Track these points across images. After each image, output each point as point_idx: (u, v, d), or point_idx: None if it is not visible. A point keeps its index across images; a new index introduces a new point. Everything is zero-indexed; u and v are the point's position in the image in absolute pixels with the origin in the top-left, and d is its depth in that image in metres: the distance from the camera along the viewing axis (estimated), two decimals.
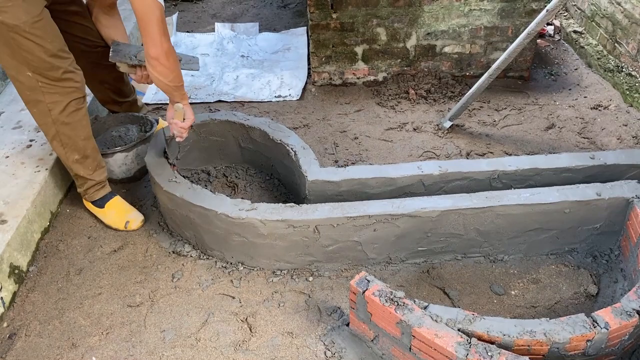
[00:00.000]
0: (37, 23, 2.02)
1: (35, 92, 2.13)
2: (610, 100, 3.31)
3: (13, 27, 1.99)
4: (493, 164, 2.37)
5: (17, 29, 1.99)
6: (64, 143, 2.26)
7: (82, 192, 2.45)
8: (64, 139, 2.25)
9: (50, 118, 2.19)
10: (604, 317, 1.66)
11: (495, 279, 2.21)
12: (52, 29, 2.10)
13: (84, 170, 2.35)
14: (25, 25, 2.00)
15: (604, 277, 2.18)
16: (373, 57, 3.44)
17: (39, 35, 2.03)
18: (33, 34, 2.02)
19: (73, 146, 2.28)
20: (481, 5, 3.25)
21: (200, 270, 2.26)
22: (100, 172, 2.42)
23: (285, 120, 3.20)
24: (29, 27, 2.00)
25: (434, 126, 3.12)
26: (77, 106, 2.22)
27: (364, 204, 2.15)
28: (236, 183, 2.69)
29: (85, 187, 2.42)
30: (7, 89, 3.09)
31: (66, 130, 2.23)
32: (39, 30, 2.03)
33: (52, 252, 2.37)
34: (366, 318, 1.81)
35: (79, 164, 2.33)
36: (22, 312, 2.11)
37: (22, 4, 1.98)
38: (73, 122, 2.23)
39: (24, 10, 1.99)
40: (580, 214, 2.17)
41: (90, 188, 2.42)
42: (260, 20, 4.41)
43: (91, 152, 2.34)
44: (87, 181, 2.39)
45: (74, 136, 2.26)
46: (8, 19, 1.97)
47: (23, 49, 2.03)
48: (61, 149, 2.29)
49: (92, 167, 2.37)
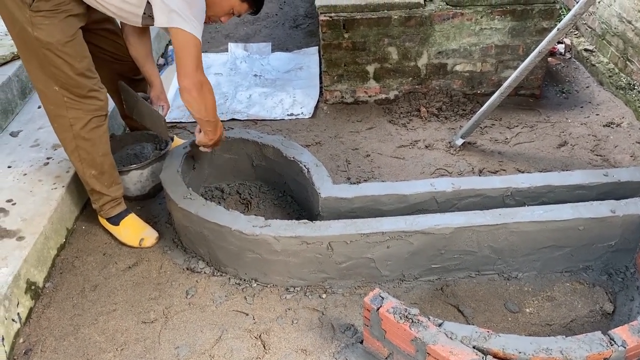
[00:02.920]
0: (70, 42, 2.09)
1: (59, 106, 2.20)
2: (622, 117, 3.31)
3: (46, 44, 2.06)
4: (506, 181, 2.37)
5: (50, 46, 2.06)
6: (82, 158, 2.31)
7: (97, 208, 2.48)
8: (83, 154, 2.30)
9: (71, 133, 2.25)
10: (621, 335, 1.64)
11: (509, 296, 2.20)
12: (82, 49, 2.17)
13: (100, 185, 2.39)
14: (58, 43, 2.07)
15: (620, 294, 2.16)
16: (384, 75, 3.48)
17: (69, 54, 2.10)
18: (64, 52, 2.09)
19: (91, 162, 2.32)
20: (492, 24, 3.28)
21: (214, 286, 2.27)
22: (116, 189, 2.45)
23: (297, 138, 3.23)
24: (61, 45, 2.07)
25: (446, 144, 3.13)
26: (98, 123, 2.27)
27: (377, 221, 2.16)
28: (249, 200, 2.71)
29: (100, 203, 2.45)
30: (25, 108, 3.15)
31: (86, 146, 2.28)
32: (70, 49, 2.10)
33: (67, 268, 2.39)
34: (380, 335, 1.81)
35: (96, 179, 2.37)
36: (38, 327, 2.13)
37: (59, 24, 2.06)
38: (93, 139, 2.28)
39: (60, 30, 2.06)
40: (595, 231, 2.16)
41: (106, 204, 2.45)
42: (272, 40, 4.47)
43: (108, 168, 2.38)
44: (103, 197, 2.43)
45: (93, 152, 2.30)
46: (43, 36, 2.04)
47: (53, 65, 2.10)
48: (79, 163, 2.33)
49: (108, 183, 2.40)
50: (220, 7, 2.13)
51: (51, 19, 2.04)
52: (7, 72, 3.05)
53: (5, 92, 2.99)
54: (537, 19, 3.26)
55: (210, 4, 2.08)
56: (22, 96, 3.16)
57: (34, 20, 2.02)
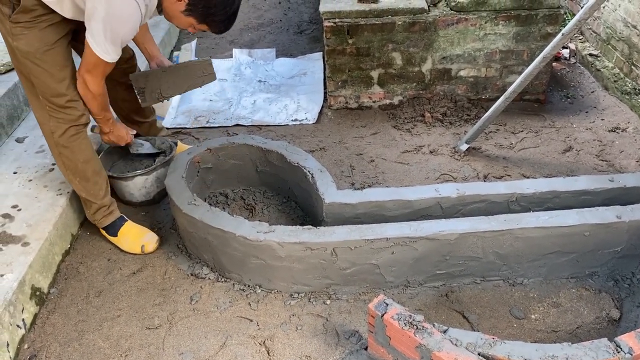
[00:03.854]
0: (49, 51, 2.10)
1: (43, 115, 2.24)
2: (628, 122, 3.29)
3: (25, 53, 2.08)
4: (511, 187, 2.36)
5: (28, 55, 2.08)
6: (66, 165, 2.35)
7: (91, 218, 2.50)
8: (66, 161, 2.33)
9: (52, 140, 2.28)
10: (627, 341, 1.63)
11: (515, 302, 2.19)
12: (63, 58, 2.17)
13: (85, 192, 2.41)
14: (37, 52, 2.08)
15: (627, 301, 2.15)
16: (389, 81, 3.48)
17: (49, 62, 2.11)
18: (43, 61, 2.10)
19: (74, 169, 2.35)
20: (496, 29, 3.28)
21: (218, 292, 2.27)
22: (102, 197, 2.45)
23: (302, 143, 3.23)
24: (40, 54, 2.09)
25: (451, 149, 3.13)
26: (76, 131, 2.29)
27: (382, 227, 2.15)
28: (254, 206, 2.71)
29: (91, 211, 2.47)
30: (31, 114, 3.16)
31: (67, 153, 2.31)
32: (50, 57, 2.11)
33: (72, 274, 2.40)
34: (385, 342, 1.80)
35: (81, 185, 2.39)
36: (43, 333, 2.13)
37: (38, 33, 2.07)
38: (72, 146, 2.29)
39: (39, 39, 2.07)
40: (601, 237, 2.15)
41: (97, 212, 2.46)
42: (277, 46, 4.48)
43: (92, 175, 2.39)
44: (92, 204, 2.44)
45: (74, 159, 2.32)
46: (22, 45, 2.07)
47: (33, 74, 2.13)
48: (64, 169, 2.37)
49: (93, 191, 2.41)
50: (179, 22, 2.11)
51: (30, 29, 2.05)
52: (13, 78, 3.07)
53: (11, 98, 3.01)
54: (542, 24, 3.26)
55: (172, 16, 2.09)
56: (28, 102, 3.17)
57: (14, 31, 2.05)
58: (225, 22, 2.10)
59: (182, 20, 2.06)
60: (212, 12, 2.01)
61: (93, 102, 2.24)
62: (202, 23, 2.06)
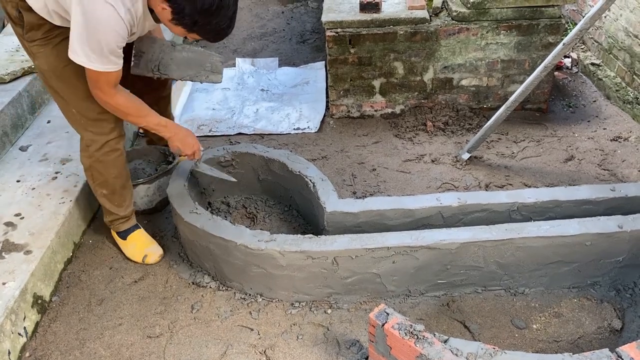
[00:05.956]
0: (68, 67, 2.05)
1: (78, 127, 2.25)
2: (630, 132, 3.29)
3: (45, 71, 2.10)
4: (512, 196, 2.36)
5: (50, 73, 2.10)
6: (95, 177, 2.34)
7: (107, 223, 2.51)
8: (95, 174, 2.33)
9: (87, 152, 2.28)
10: (629, 352, 1.62)
11: (516, 312, 2.18)
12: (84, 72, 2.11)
13: (109, 204, 2.41)
14: (56, 69, 2.09)
15: (629, 311, 2.14)
16: (390, 90, 3.49)
17: (71, 77, 2.10)
18: (64, 77, 2.11)
19: (103, 182, 2.34)
20: (498, 39, 3.29)
21: (220, 301, 2.27)
22: (125, 208, 2.46)
23: (303, 152, 3.24)
24: (59, 71, 2.09)
25: (452, 158, 3.13)
26: (114, 146, 2.28)
27: (383, 236, 2.15)
28: (255, 214, 2.72)
29: (110, 219, 2.49)
30: (35, 122, 3.19)
31: (99, 167, 2.30)
32: (70, 73, 2.09)
33: (74, 282, 2.40)
34: (385, 351, 1.79)
35: (106, 198, 2.39)
36: (44, 342, 2.13)
37: (53, 49, 2.07)
38: (105, 161, 2.29)
39: (55, 55, 2.07)
40: (602, 246, 2.15)
41: (115, 220, 2.48)
42: (279, 55, 4.50)
43: (120, 189, 2.39)
44: (112, 214, 2.46)
45: (106, 173, 2.32)
46: (41, 64, 2.09)
47: (59, 90, 2.15)
48: (92, 181, 2.37)
49: (118, 203, 2.42)
50: (172, 30, 2.02)
51: (45, 46, 2.06)
52: (17, 87, 3.09)
53: (16, 107, 3.03)
54: (543, 33, 3.27)
55: (164, 24, 2.02)
56: (31, 111, 3.20)
57: (32, 50, 2.08)
58: (216, 30, 1.98)
59: (174, 29, 2.00)
60: (200, 21, 1.92)
61: (120, 113, 2.16)
62: (191, 32, 1.99)
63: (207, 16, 1.90)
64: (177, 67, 2.36)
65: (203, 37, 2.02)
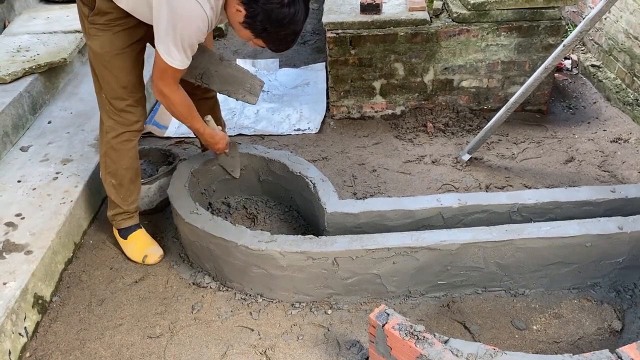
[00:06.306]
0: (119, 55, 2.15)
1: (103, 112, 2.32)
2: (630, 133, 3.30)
3: (96, 54, 2.16)
4: (513, 197, 2.37)
5: (99, 56, 2.16)
6: (107, 165, 2.39)
7: (110, 217, 2.52)
8: (108, 162, 2.37)
9: (105, 138, 2.34)
10: (629, 353, 1.62)
11: (516, 313, 2.18)
12: (131, 64, 2.21)
13: (115, 195, 2.44)
14: (107, 55, 2.15)
15: (629, 312, 2.14)
16: (391, 91, 3.49)
17: (117, 66, 2.17)
18: (112, 64, 2.17)
19: (114, 171, 2.39)
20: (498, 40, 3.30)
21: (220, 301, 2.27)
22: (130, 203, 2.49)
23: (304, 153, 3.25)
24: (110, 57, 2.15)
25: (453, 159, 3.14)
26: (129, 137, 2.34)
27: (383, 237, 2.16)
28: (256, 215, 2.72)
29: (113, 212, 2.50)
30: (36, 123, 3.19)
31: (113, 155, 2.35)
32: (118, 62, 2.17)
33: (74, 282, 2.40)
34: (386, 352, 1.80)
35: (114, 188, 2.42)
36: (45, 342, 2.13)
37: (111, 37, 2.13)
38: (120, 150, 2.34)
39: (110, 42, 2.13)
40: (602, 247, 2.15)
41: (118, 215, 2.49)
42: (280, 56, 4.51)
43: (128, 183, 2.43)
44: (116, 207, 2.48)
45: (117, 163, 2.37)
46: (95, 46, 2.15)
47: (100, 74, 2.21)
48: (103, 169, 2.42)
49: (124, 196, 2.45)
50: (239, 33, 2.04)
51: (105, 32, 2.12)
52: (18, 88, 3.10)
53: (17, 107, 3.03)
54: (543, 35, 3.28)
55: (232, 25, 2.03)
56: (32, 111, 3.20)
57: (90, 31, 2.14)
58: (282, 40, 2.00)
59: (240, 31, 2.01)
60: (269, 29, 1.93)
61: (172, 108, 2.23)
62: (258, 38, 2.00)
63: (278, 26, 1.92)
64: (219, 80, 2.43)
65: (267, 45, 2.04)
